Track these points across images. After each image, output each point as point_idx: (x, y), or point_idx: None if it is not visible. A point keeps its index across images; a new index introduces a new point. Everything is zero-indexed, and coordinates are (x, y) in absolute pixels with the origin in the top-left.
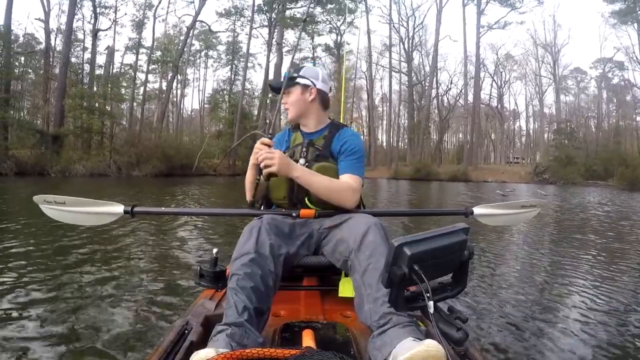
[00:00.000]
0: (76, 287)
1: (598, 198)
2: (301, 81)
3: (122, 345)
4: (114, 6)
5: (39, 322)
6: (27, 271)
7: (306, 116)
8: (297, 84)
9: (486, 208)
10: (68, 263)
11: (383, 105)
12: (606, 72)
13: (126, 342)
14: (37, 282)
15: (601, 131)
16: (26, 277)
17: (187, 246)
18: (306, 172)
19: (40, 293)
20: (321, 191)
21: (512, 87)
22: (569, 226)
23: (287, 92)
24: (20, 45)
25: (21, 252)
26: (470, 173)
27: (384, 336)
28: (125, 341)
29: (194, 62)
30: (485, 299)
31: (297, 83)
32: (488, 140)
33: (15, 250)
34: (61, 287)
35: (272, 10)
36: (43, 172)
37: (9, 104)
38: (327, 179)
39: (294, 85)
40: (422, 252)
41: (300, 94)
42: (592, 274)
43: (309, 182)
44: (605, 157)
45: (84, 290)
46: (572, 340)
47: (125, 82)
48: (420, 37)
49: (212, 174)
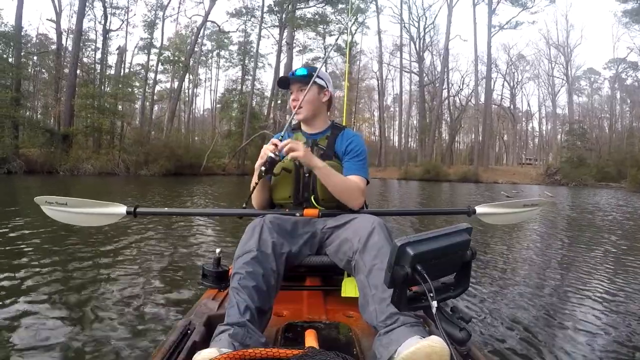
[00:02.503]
0: (79, 286)
1: (606, 200)
2: (318, 81)
3: (125, 345)
4: (126, 7)
5: (41, 320)
6: (29, 270)
7: (316, 116)
8: (314, 83)
9: (489, 207)
10: (70, 262)
11: (394, 106)
12: (619, 72)
13: (129, 342)
14: (39, 279)
15: (614, 132)
16: (29, 275)
17: (190, 246)
18: (327, 166)
19: (42, 291)
20: (337, 187)
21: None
22: (572, 227)
23: (302, 89)
24: (33, 45)
25: (24, 252)
26: (480, 174)
27: (391, 334)
28: (128, 341)
29: (206, 62)
30: (488, 299)
31: (314, 82)
32: (500, 141)
33: (18, 249)
34: (64, 285)
35: (283, 11)
36: (52, 170)
37: (20, 104)
38: (342, 177)
39: (310, 83)
40: (425, 252)
41: (317, 94)
42: (599, 276)
43: (329, 176)
44: (618, 159)
45: (87, 289)
46: (575, 341)
47: (138, 82)
48: (431, 37)
49: (221, 174)
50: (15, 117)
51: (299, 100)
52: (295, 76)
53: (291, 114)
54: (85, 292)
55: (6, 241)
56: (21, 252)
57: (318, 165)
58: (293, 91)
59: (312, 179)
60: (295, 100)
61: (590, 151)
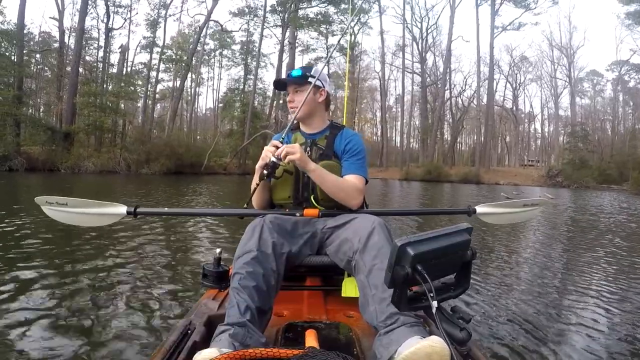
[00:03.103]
0: (79, 286)
1: (607, 201)
2: (313, 81)
3: (125, 345)
4: (129, 5)
5: (41, 320)
6: (29, 270)
7: (313, 116)
8: (308, 83)
9: (489, 207)
10: (70, 261)
11: (397, 106)
12: (622, 74)
13: (129, 342)
14: (39, 279)
15: (617, 135)
16: (29, 275)
17: (191, 246)
18: (321, 168)
19: (42, 291)
20: (332, 188)
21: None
22: (573, 228)
23: (298, 90)
24: (37, 43)
25: (24, 252)
26: (482, 175)
27: (391, 334)
28: (128, 341)
29: (208, 61)
30: (488, 299)
31: (308, 82)
32: (502, 142)
33: (18, 249)
34: (64, 285)
35: (286, 11)
36: (53, 168)
37: (22, 102)
38: (338, 178)
39: (305, 84)
40: (425, 252)
41: (312, 94)
42: (600, 277)
43: (323, 177)
44: (620, 161)
45: (87, 289)
46: (575, 341)
47: (141, 81)
48: (434, 38)
49: (222, 173)
50: (17, 114)
51: (294, 100)
52: (290, 77)
53: (291, 114)
54: (85, 292)
55: (6, 240)
56: (21, 252)
57: (311, 168)
58: (289, 91)
59: (312, 179)
60: (290, 101)
61: (592, 153)
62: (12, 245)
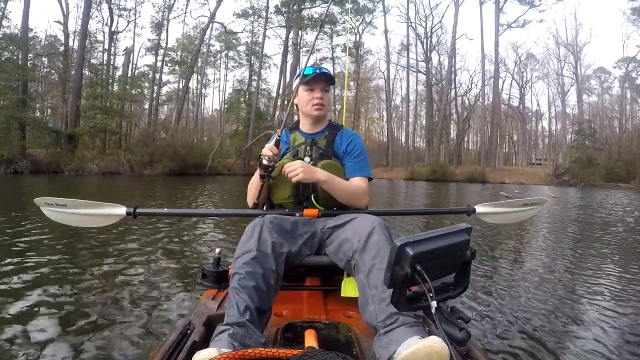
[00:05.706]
0: (78, 286)
1: (617, 199)
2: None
3: (125, 345)
4: (133, 8)
5: (41, 320)
6: (29, 270)
7: (324, 116)
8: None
9: (488, 206)
10: (70, 261)
11: (402, 106)
12: (629, 71)
13: (129, 342)
14: (39, 279)
15: (624, 132)
16: (28, 275)
17: (190, 246)
18: (329, 176)
19: (42, 291)
20: (341, 193)
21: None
22: (574, 227)
23: (326, 89)
24: (43, 47)
25: (24, 252)
26: (488, 174)
27: (390, 334)
28: (128, 341)
29: (214, 62)
30: (488, 299)
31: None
32: (510, 141)
33: (18, 249)
34: (64, 285)
35: (290, 12)
36: (57, 170)
37: (26, 105)
38: (347, 183)
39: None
40: (425, 252)
41: (332, 96)
42: (601, 276)
43: (333, 184)
44: (628, 159)
45: (86, 289)
46: (576, 341)
47: (148, 83)
48: (438, 37)
49: (226, 174)
50: (22, 118)
51: (324, 99)
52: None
53: (291, 112)
54: (84, 293)
55: (10, 240)
56: (21, 252)
57: (321, 179)
58: (315, 89)
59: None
60: (321, 98)
61: (600, 151)
62: (12, 245)
